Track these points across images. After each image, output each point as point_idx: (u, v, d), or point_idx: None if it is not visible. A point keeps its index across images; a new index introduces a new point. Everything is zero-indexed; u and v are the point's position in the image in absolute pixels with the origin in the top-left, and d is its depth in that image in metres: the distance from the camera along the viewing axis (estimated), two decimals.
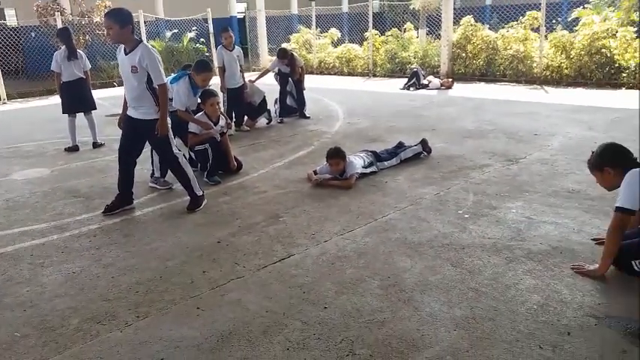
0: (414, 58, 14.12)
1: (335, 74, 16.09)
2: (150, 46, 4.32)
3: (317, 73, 16.40)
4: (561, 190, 4.68)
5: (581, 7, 13.44)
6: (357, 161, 5.30)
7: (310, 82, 13.76)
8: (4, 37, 14.21)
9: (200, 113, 5.56)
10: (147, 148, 4.88)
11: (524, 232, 3.80)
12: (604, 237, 3.31)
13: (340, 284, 3.18)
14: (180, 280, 3.34)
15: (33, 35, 15.96)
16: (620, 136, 6.35)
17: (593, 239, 3.60)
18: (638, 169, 3.00)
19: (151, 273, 3.46)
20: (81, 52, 7.25)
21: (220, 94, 7.89)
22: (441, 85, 11.75)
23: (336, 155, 5.09)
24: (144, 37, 15.72)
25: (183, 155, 4.62)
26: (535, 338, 2.55)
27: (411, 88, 11.82)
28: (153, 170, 5.35)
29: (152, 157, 5.28)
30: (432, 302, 2.92)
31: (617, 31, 10.89)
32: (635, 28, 11.00)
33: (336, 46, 16.92)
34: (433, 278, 3.19)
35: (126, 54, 4.33)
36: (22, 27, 16.38)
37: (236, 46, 7.98)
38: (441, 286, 3.09)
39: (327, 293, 3.08)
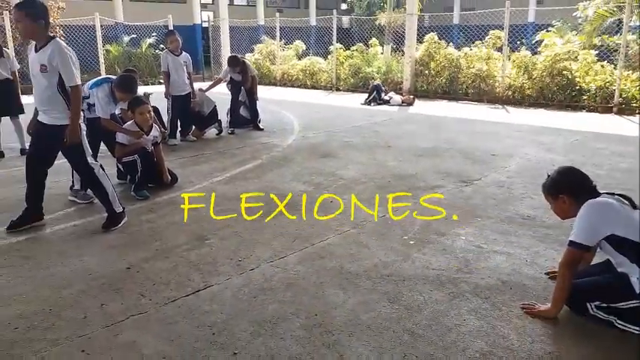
0: (378, 73, 13.86)
1: (299, 87, 15.69)
2: (63, 44, 3.81)
3: (280, 85, 16.01)
4: (515, 215, 4.34)
5: (546, 30, 13.52)
6: None
7: (271, 93, 13.47)
8: None
9: (130, 122, 5.06)
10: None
11: (472, 263, 3.43)
12: None
13: (258, 323, 2.72)
14: (71, 315, 2.82)
15: None
16: (579, 160, 6.14)
17: (547, 273, 3.25)
18: (596, 200, 2.67)
19: (39, 304, 2.94)
20: (7, 51, 6.65)
21: (165, 101, 7.43)
22: (403, 101, 11.49)
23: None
24: (99, 42, 15.06)
25: (101, 166, 4.10)
26: None
27: (372, 104, 11.53)
28: (73, 182, 4.81)
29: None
30: (360, 347, 2.49)
31: (578, 54, 10.87)
32: (596, 52, 11.00)
33: (300, 59, 16.56)
34: (366, 317, 2.77)
35: (36, 51, 3.83)
36: None
37: (183, 52, 7.48)
38: (374, 327, 2.67)
39: (240, 335, 2.62)
